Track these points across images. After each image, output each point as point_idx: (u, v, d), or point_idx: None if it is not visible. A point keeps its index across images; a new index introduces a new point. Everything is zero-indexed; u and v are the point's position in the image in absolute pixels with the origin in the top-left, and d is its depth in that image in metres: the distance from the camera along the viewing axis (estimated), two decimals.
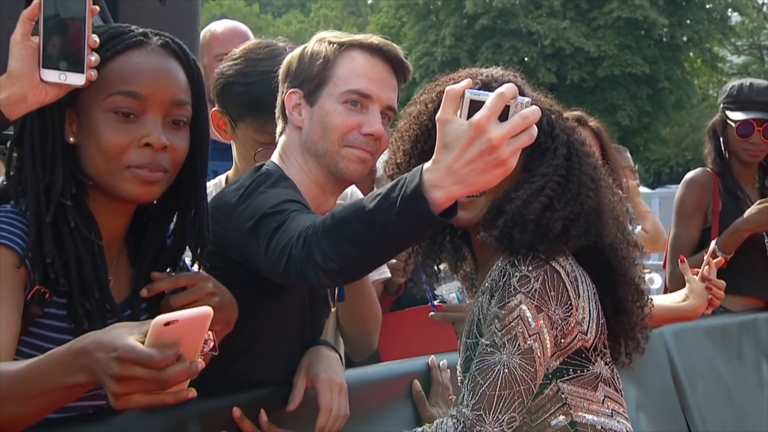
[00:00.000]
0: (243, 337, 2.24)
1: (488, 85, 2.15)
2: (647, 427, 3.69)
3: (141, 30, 2.00)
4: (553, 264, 2.14)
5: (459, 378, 2.30)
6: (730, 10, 36.43)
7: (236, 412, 2.23)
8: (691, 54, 36.38)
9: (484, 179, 1.75)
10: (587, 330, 2.19)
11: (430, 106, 2.27)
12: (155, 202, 2.07)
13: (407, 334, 3.44)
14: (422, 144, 2.29)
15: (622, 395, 2.31)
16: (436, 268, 2.49)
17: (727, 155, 4.51)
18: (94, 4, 1.93)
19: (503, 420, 2.07)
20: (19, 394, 1.64)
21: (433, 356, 2.77)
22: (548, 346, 2.12)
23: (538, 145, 2.14)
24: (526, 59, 33.46)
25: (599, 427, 2.22)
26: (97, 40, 1.88)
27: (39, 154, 1.92)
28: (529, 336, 2.10)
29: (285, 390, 2.38)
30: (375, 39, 2.45)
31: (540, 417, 2.20)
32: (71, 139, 1.96)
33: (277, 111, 2.51)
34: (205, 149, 2.08)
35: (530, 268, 2.11)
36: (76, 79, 1.87)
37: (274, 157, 2.46)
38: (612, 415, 2.25)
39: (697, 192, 4.54)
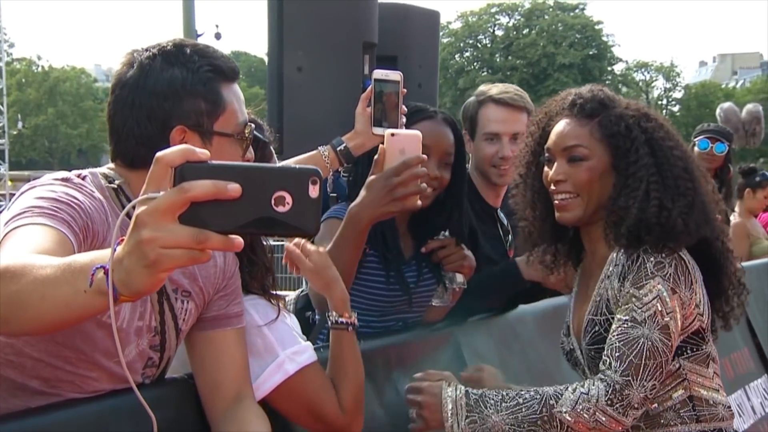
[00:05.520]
0: None
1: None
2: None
3: (433, 109, 2.65)
4: (680, 253, 2.05)
5: (584, 349, 2.15)
6: (621, 84, 48.89)
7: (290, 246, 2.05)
8: None
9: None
10: (703, 312, 2.09)
11: (534, 130, 2.28)
12: (431, 208, 2.53)
13: None
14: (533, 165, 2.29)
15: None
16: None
17: None
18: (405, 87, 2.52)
19: (647, 387, 1.96)
20: None
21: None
22: (679, 324, 2.02)
23: (618, 147, 2.08)
24: None
25: (711, 402, 2.11)
26: (406, 109, 2.42)
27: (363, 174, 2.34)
28: (666, 314, 1.98)
29: None
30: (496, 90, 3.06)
31: (662, 390, 2.08)
32: None
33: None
34: (461, 179, 2.67)
35: (663, 255, 2.01)
36: None
37: None
38: (718, 390, 2.15)
39: None
